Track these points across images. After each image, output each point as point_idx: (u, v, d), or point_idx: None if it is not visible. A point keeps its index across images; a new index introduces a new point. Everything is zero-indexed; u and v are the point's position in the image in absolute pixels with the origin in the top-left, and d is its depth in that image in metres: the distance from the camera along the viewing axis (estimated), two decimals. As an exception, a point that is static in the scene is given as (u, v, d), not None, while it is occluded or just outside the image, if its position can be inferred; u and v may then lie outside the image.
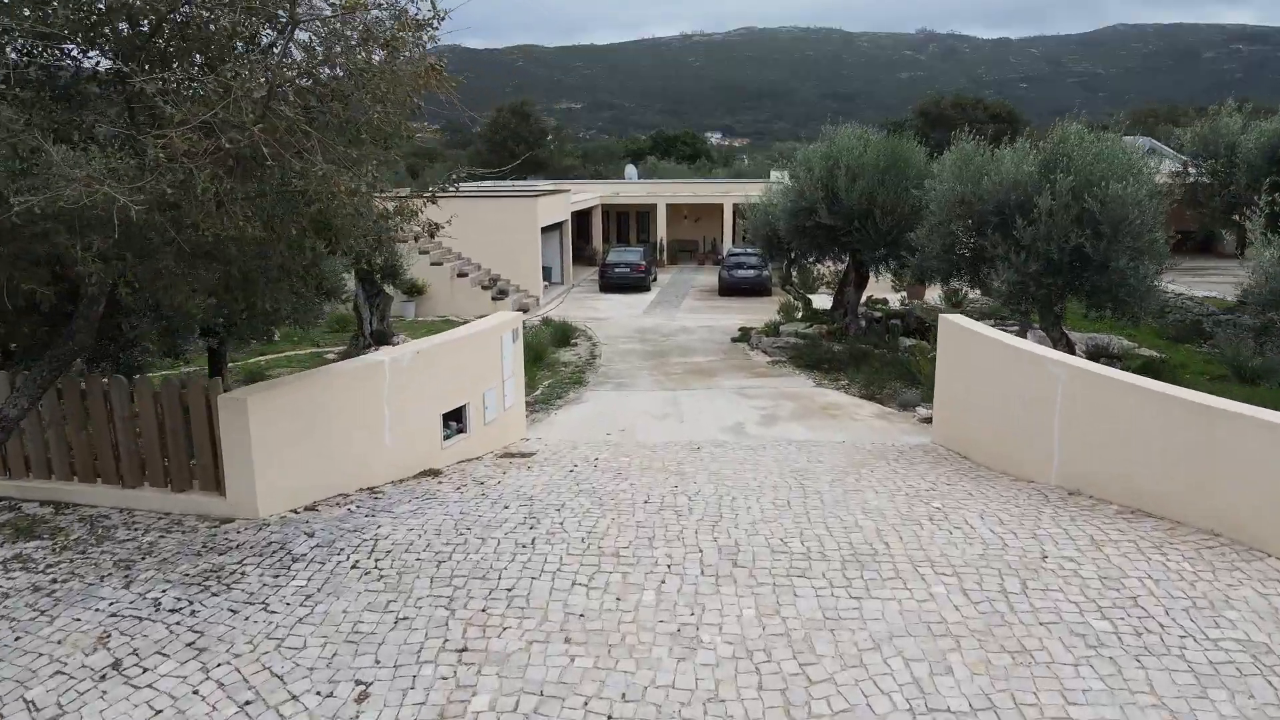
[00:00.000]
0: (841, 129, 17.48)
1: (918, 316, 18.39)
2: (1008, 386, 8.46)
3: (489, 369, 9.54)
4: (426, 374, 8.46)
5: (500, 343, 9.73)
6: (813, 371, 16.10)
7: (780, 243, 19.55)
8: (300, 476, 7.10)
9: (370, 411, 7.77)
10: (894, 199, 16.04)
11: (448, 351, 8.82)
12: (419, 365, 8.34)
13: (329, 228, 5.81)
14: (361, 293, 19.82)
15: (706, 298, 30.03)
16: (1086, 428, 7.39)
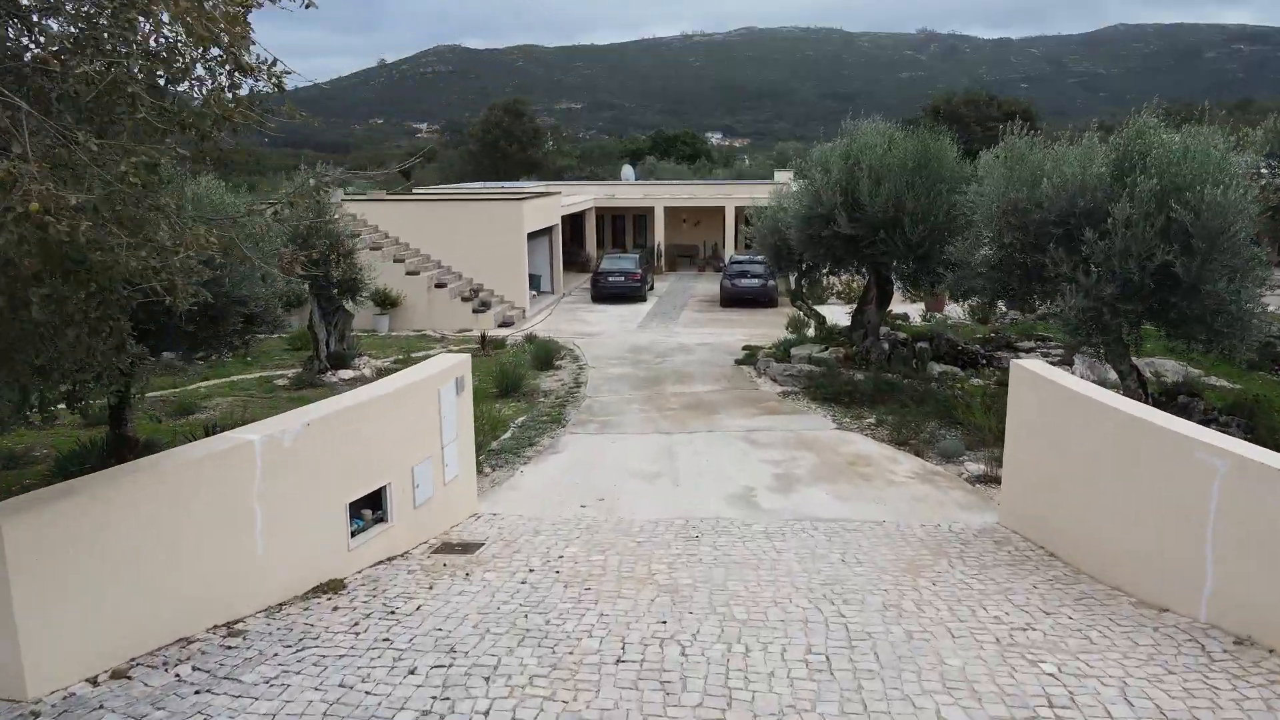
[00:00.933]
0: (863, 124, 15.17)
1: (948, 339, 16.08)
2: (1128, 471, 6.14)
3: (422, 435, 7.23)
4: (325, 452, 6.16)
5: (438, 399, 7.43)
6: (831, 406, 13.78)
7: (790, 253, 17.22)
8: (107, 625, 4.79)
9: (232, 513, 5.46)
10: (925, 205, 13.75)
11: (359, 418, 6.51)
12: (311, 442, 6.03)
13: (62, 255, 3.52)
14: (317, 309, 17.52)
15: (707, 309, 27.73)
16: (1260, 544, 5.09)
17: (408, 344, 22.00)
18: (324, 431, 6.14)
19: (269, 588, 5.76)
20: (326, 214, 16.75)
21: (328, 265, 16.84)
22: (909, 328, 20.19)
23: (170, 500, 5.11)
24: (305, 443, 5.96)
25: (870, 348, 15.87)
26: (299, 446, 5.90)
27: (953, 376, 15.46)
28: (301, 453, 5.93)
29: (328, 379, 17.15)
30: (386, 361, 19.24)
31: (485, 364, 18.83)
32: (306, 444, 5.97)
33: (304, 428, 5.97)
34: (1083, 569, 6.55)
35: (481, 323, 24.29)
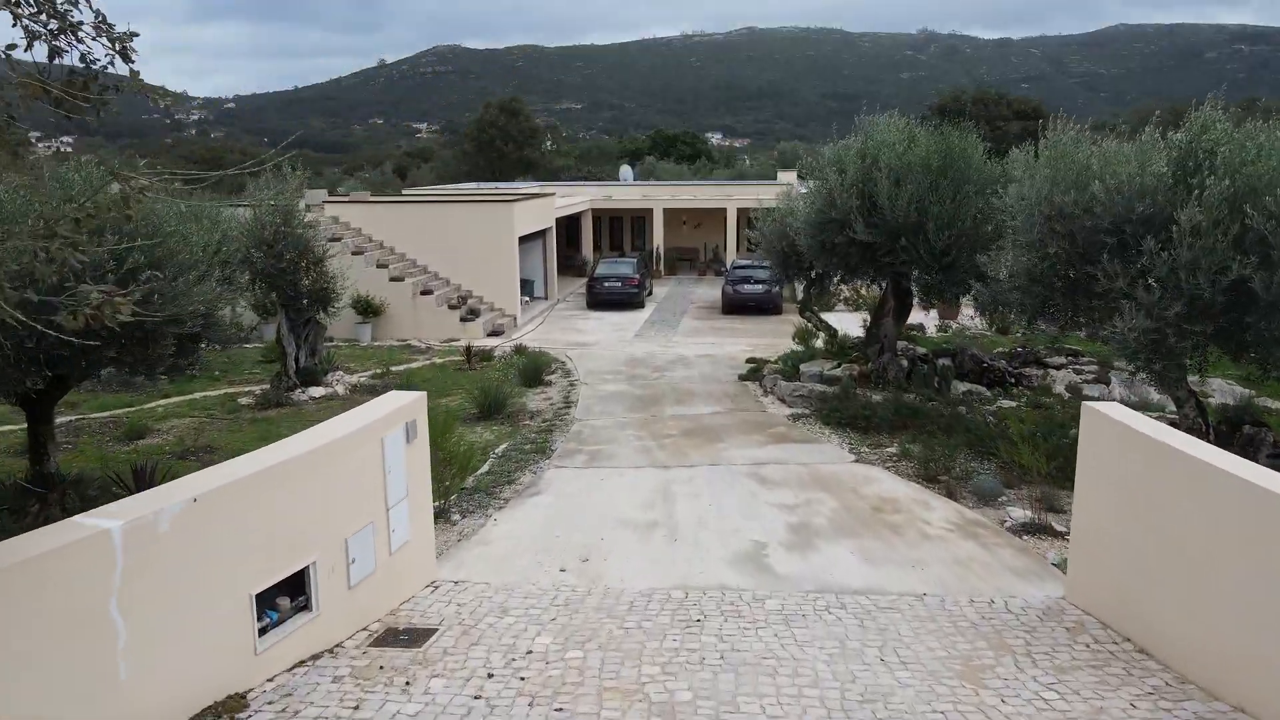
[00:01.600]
0: (879, 119, 13.79)
1: (973, 354, 14.70)
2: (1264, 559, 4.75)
3: (360, 497, 5.85)
4: (222, 532, 4.78)
5: (382, 451, 6.05)
6: (846, 432, 12.41)
7: (799, 260, 15.86)
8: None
9: (79, 629, 4.08)
10: (951, 209, 12.38)
11: (272, 485, 5.13)
12: (201, 522, 4.65)
13: None
14: (285, 322, 16.14)
15: (708, 316, 26.36)
16: None
17: (389, 355, 20.63)
18: (219, 507, 4.76)
19: (140, 717, 4.38)
20: (294, 219, 15.39)
21: (296, 274, 15.48)
22: (927, 340, 18.82)
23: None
24: (192, 524, 4.58)
25: (887, 365, 14.49)
26: (182, 530, 4.52)
27: (979, 397, 14.09)
28: (187, 537, 4.55)
29: (296, 397, 15.78)
30: (363, 376, 17.87)
31: (469, 379, 17.46)
32: (194, 525, 4.59)
33: (189, 505, 4.58)
34: (1189, 676, 5.17)
35: (469, 331, 22.92)
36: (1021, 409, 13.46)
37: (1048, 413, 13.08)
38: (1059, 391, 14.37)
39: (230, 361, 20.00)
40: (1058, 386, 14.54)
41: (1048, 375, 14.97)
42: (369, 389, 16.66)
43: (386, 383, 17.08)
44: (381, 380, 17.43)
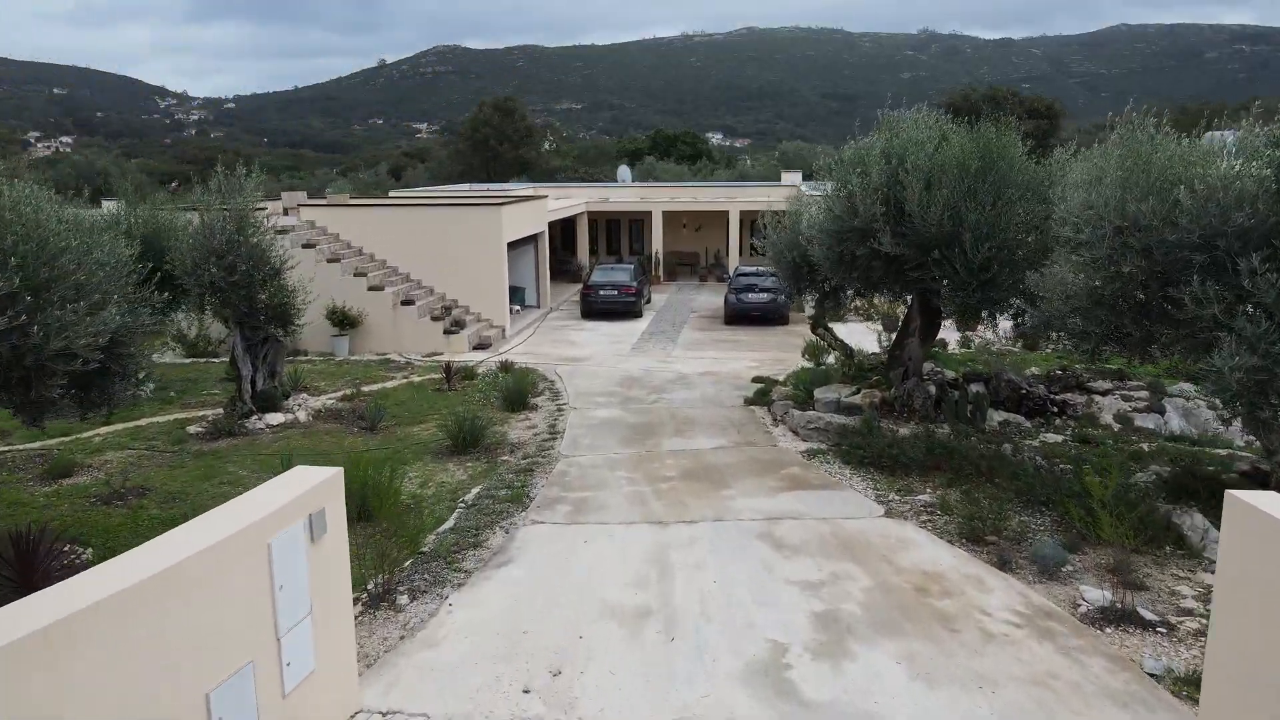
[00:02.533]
0: (906, 115, 12.15)
1: (1010, 379, 13.05)
2: None
3: (227, 633, 4.19)
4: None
5: (268, 561, 4.39)
6: (870, 474, 10.77)
7: (812, 272, 14.22)
8: None
9: None
10: (991, 217, 10.74)
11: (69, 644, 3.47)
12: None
13: None
14: (239, 341, 14.49)
15: (710, 326, 24.72)
16: None
17: (364, 372, 18.98)
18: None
19: None
20: (248, 227, 13.74)
21: (251, 288, 13.83)
22: (949, 359, 17.16)
23: None
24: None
25: (913, 392, 12.85)
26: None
27: (1018, 429, 12.45)
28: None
29: (251, 425, 14.13)
30: (331, 398, 16.23)
31: (448, 402, 15.81)
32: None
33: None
34: None
35: (454, 345, 21.30)
36: (1071, 445, 11.83)
37: (1100, 449, 11.44)
38: (1106, 421, 12.74)
39: (189, 381, 18.37)
40: (1104, 415, 12.91)
41: (1092, 402, 13.34)
42: (334, 414, 15.03)
43: (355, 406, 15.45)
44: (350, 404, 15.79)
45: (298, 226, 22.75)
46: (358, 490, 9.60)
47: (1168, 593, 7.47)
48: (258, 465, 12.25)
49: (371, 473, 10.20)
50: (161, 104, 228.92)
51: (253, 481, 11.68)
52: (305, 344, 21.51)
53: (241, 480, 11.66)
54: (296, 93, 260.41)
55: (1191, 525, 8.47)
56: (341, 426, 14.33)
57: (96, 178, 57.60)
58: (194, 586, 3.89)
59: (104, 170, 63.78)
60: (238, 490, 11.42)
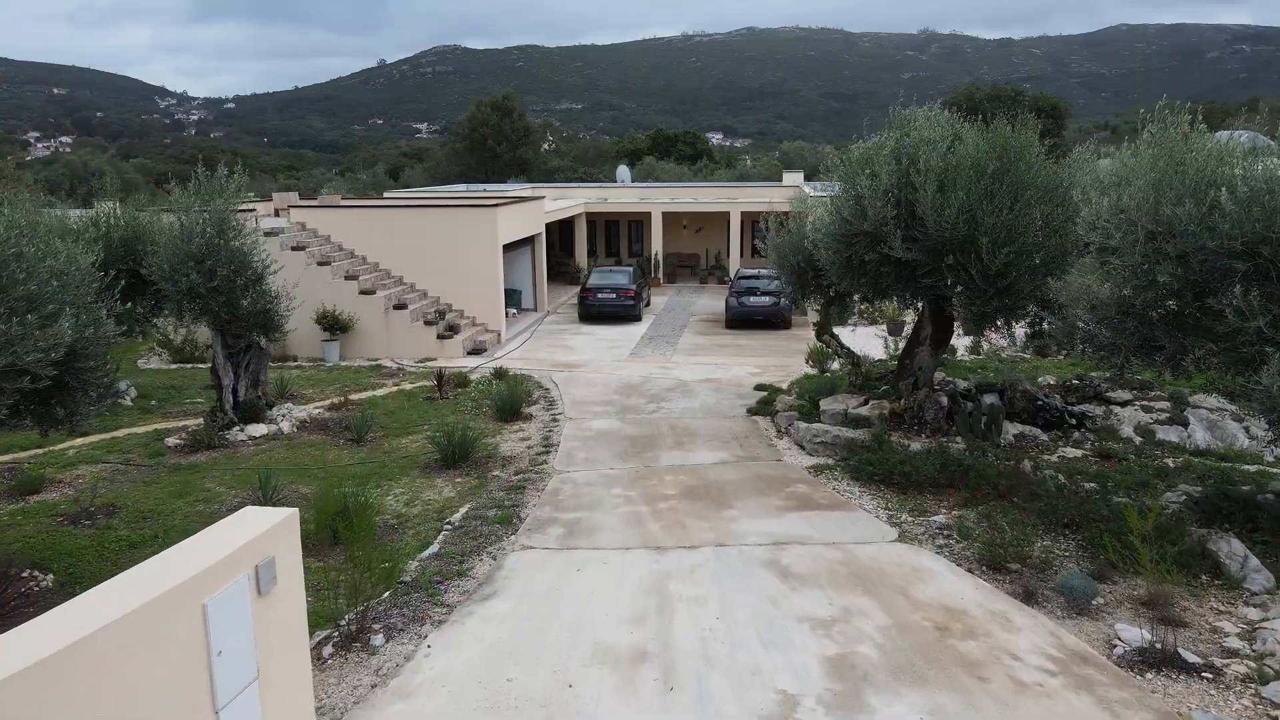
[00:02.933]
0: (917, 113, 11.55)
1: (1025, 390, 12.45)
2: None
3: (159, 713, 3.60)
4: None
5: (203, 624, 3.80)
6: (881, 491, 10.19)
7: (818, 277, 13.64)
8: None
9: None
10: (1009, 221, 10.14)
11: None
12: None
13: None
14: (220, 348, 13.90)
15: (710, 330, 24.12)
16: None
17: (354, 378, 18.38)
18: None
19: None
20: (228, 230, 13.15)
21: (232, 293, 13.24)
22: (958, 367, 16.57)
23: None
24: None
25: (924, 403, 12.25)
26: None
27: (1034, 442, 11.86)
28: None
29: (233, 437, 13.54)
30: (318, 407, 15.63)
31: (439, 412, 15.22)
32: None
33: None
34: None
35: (448, 350, 20.71)
36: (1091, 461, 11.24)
37: (1123, 465, 10.85)
38: (1127, 434, 12.14)
39: (173, 388, 17.78)
40: (1124, 428, 12.31)
41: (1111, 413, 12.74)
42: (320, 424, 14.44)
43: (342, 416, 14.86)
44: (337, 413, 15.20)
45: (287, 228, 22.16)
46: (337, 511, 9.03)
47: (1208, 630, 6.88)
48: (235, 481, 11.66)
49: (353, 493, 9.64)
50: (161, 104, 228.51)
51: (228, 499, 11.11)
52: (295, 349, 20.95)
53: (216, 497, 11.07)
54: (296, 93, 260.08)
55: (1229, 553, 7.88)
56: (327, 438, 13.74)
57: (91, 178, 57.03)
58: (102, 666, 3.30)
59: (98, 171, 63.18)
60: (211, 509, 10.85)
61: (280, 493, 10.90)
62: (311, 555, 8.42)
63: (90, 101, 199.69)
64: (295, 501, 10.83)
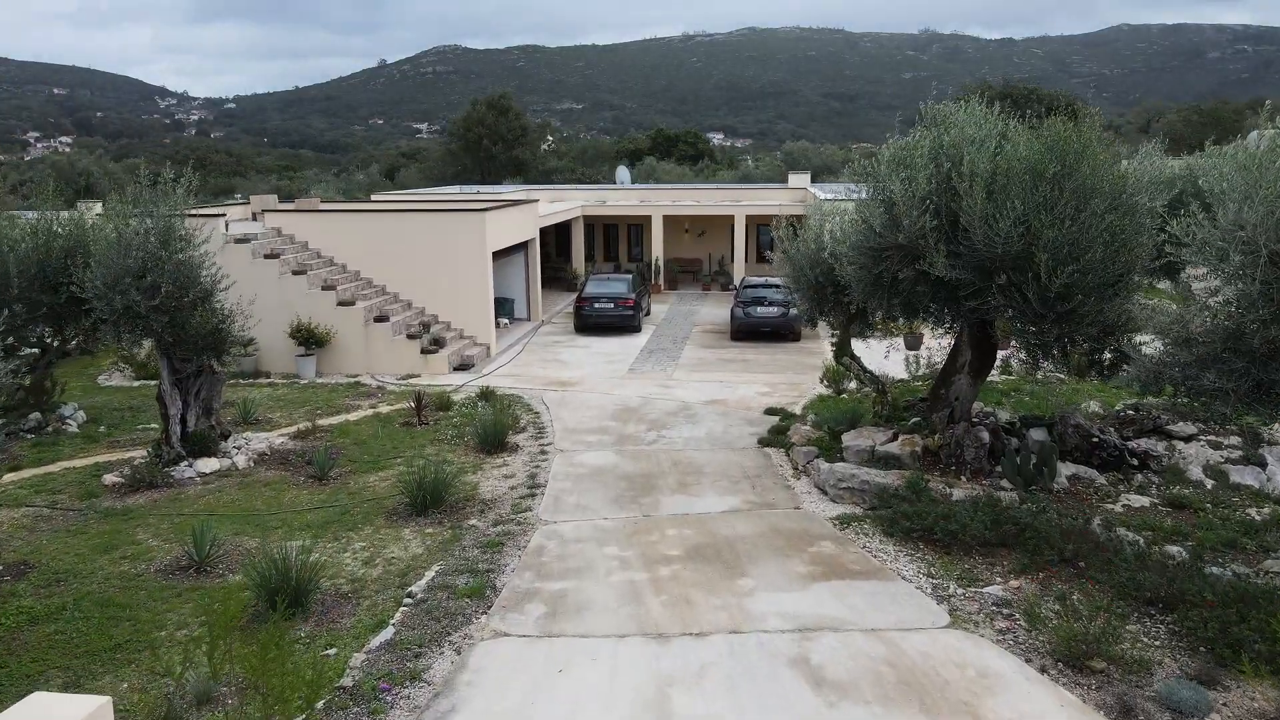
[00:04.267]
0: (957, 107, 10.01)
1: (1078, 424, 10.90)
2: None
3: None
4: None
5: None
6: (919, 550, 8.66)
7: (838, 293, 12.11)
8: None
9: None
10: (1074, 234, 8.61)
11: None
12: None
13: None
14: (166, 373, 12.36)
15: (715, 343, 22.56)
16: None
17: (328, 399, 16.83)
18: None
19: None
20: (172, 242, 11.60)
21: (177, 313, 11.71)
22: (992, 390, 15.01)
23: None
24: None
25: (962, 439, 10.70)
26: None
27: (1091, 486, 10.32)
28: None
29: (180, 473, 12.00)
30: (283, 434, 14.09)
31: (416, 440, 13.67)
32: None
33: None
34: None
35: (432, 365, 19.17)
36: (1158, 506, 9.70)
37: (1201, 517, 9.32)
38: (1196, 476, 10.59)
39: (129, 410, 16.22)
40: (1192, 468, 10.76)
41: (1174, 450, 11.19)
42: (281, 457, 12.89)
43: (307, 446, 13.33)
44: (303, 442, 13.66)
45: (261, 235, 20.63)
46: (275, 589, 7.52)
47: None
48: (172, 531, 10.12)
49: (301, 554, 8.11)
50: (162, 104, 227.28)
51: (159, 555, 9.56)
52: (268, 365, 19.43)
53: (146, 553, 9.53)
54: (297, 93, 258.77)
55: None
56: (287, 474, 12.20)
57: (79, 179, 55.42)
58: None
59: (86, 171, 61.63)
60: (137, 569, 9.31)
61: (220, 549, 9.38)
62: (246, 638, 6.90)
63: (90, 101, 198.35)
64: (236, 559, 9.31)
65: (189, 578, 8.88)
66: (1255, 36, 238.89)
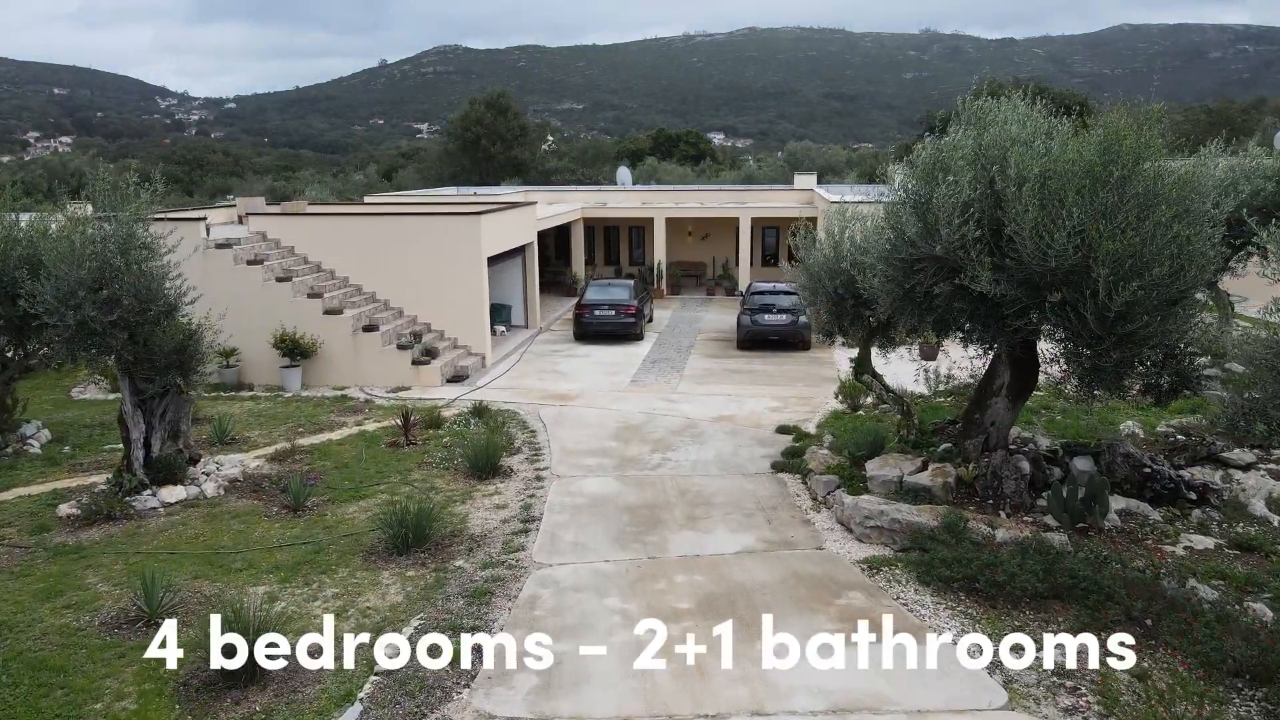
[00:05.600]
0: (1004, 100, 9.00)
1: (1127, 453, 9.88)
2: None
3: None
4: None
5: None
6: (960, 601, 7.65)
7: (860, 306, 11.09)
8: None
9: None
10: (1137, 246, 7.61)
11: None
12: None
13: None
14: (128, 394, 11.34)
15: (720, 352, 21.53)
16: None
17: (312, 414, 15.79)
18: None
19: None
20: (131, 252, 10.58)
21: (138, 328, 10.69)
22: (1027, 412, 13.95)
23: None
24: None
25: (1000, 470, 9.68)
26: None
27: (1145, 523, 9.29)
28: None
29: (142, 503, 10.97)
30: (259, 456, 13.08)
31: (400, 465, 12.62)
32: None
33: None
34: None
35: (424, 377, 18.15)
36: (1222, 550, 8.68)
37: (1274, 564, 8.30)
38: (1259, 512, 9.56)
39: (100, 427, 15.15)
40: (1254, 502, 9.73)
41: (1231, 480, 10.17)
42: (254, 484, 11.86)
43: (285, 470, 12.31)
44: (281, 465, 12.64)
45: (244, 239, 19.62)
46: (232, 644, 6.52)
47: None
48: (127, 573, 9.09)
49: (264, 604, 7.11)
50: (162, 104, 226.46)
51: (106, 603, 8.51)
52: (250, 377, 18.42)
53: (92, 601, 8.51)
54: (298, 93, 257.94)
55: None
56: (259, 503, 11.18)
57: (70, 179, 54.46)
58: None
59: (77, 171, 60.65)
60: (81, 621, 8.30)
61: (175, 596, 8.36)
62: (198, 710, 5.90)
63: (90, 101, 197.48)
64: (194, 607, 8.30)
65: (137, 632, 7.85)
66: (1256, 36, 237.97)
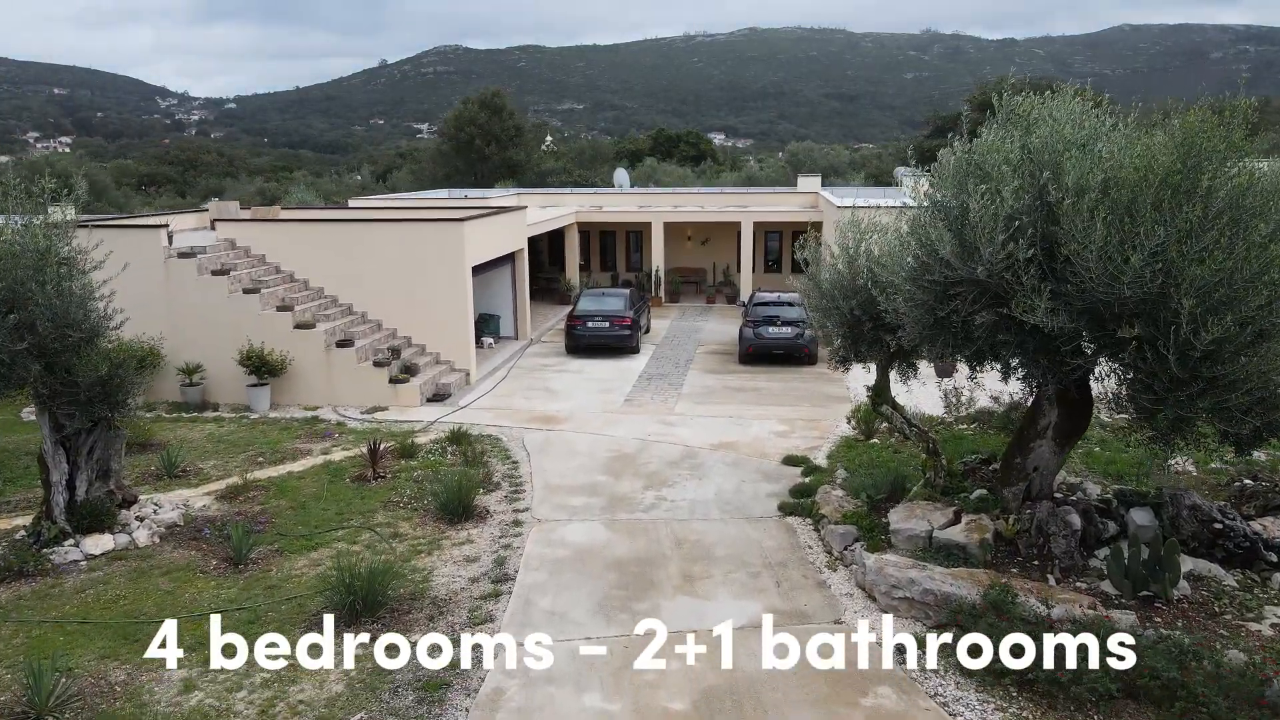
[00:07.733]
0: (1052, 96, 7.66)
1: (1194, 505, 8.49)
2: None
3: None
4: None
5: None
6: (1014, 703, 6.29)
7: (880, 328, 9.73)
8: None
9: None
10: (1228, 272, 6.26)
11: None
12: None
13: None
14: (48, 430, 9.97)
15: (721, 367, 20.15)
16: None
17: (275, 440, 14.43)
18: None
19: None
20: (49, 268, 9.22)
21: (56, 357, 9.34)
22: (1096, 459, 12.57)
23: None
24: None
25: (1046, 524, 8.32)
26: None
27: (1217, 588, 7.93)
28: None
29: (61, 556, 9.61)
30: (208, 494, 11.71)
31: (365, 504, 11.23)
32: None
33: None
34: None
35: (403, 396, 16.79)
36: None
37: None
38: (1348, 574, 8.20)
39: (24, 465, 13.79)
40: (1339, 561, 8.37)
41: (1311, 534, 8.80)
42: (194, 530, 10.49)
43: (233, 511, 10.96)
44: (231, 504, 11.28)
45: (210, 248, 18.26)
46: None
47: None
48: (24, 650, 7.74)
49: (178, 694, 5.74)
50: (163, 104, 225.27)
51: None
52: (215, 396, 17.08)
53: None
54: (298, 93, 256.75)
55: None
56: (197, 555, 9.82)
57: (57, 181, 53.15)
58: None
59: (65, 172, 59.13)
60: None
61: (73, 685, 7.01)
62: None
63: (90, 102, 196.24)
64: (95, 696, 6.95)
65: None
66: (1256, 36, 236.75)
